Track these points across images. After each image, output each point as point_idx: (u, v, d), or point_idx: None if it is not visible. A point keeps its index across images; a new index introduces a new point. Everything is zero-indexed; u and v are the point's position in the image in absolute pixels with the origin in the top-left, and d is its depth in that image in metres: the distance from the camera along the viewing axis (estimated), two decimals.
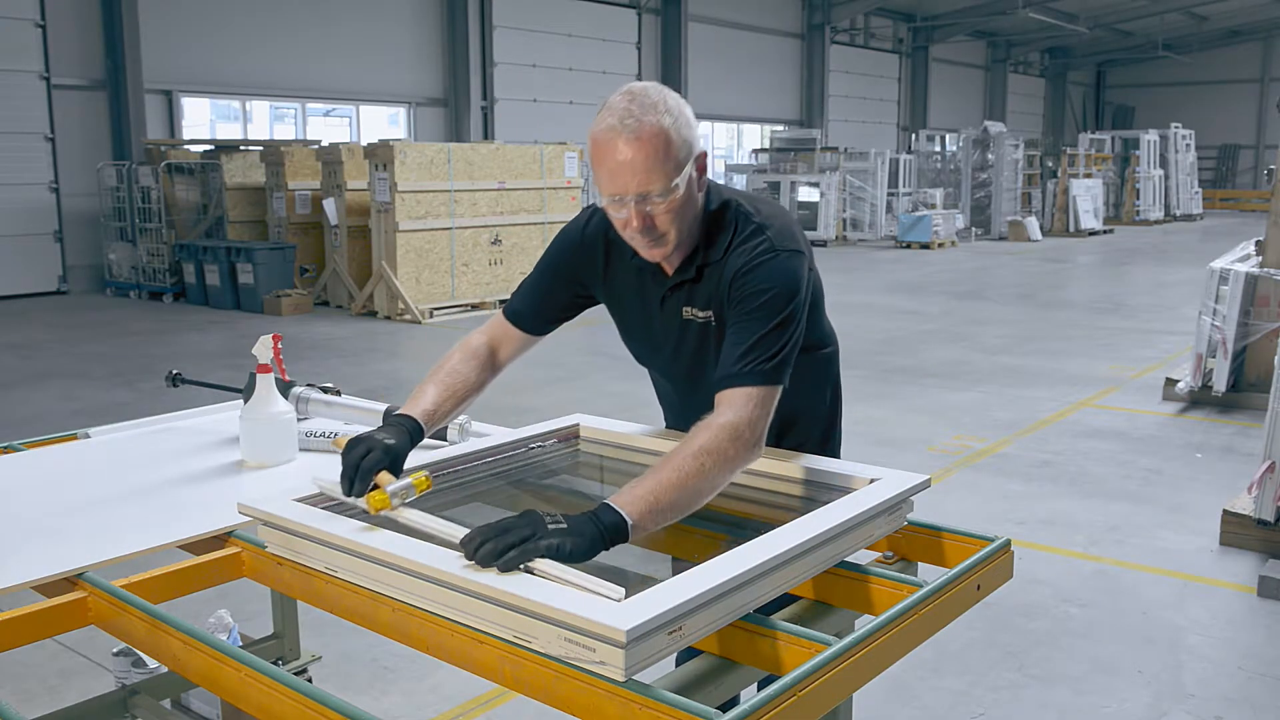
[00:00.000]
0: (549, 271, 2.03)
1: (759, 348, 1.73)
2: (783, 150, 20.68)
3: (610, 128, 1.70)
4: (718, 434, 1.64)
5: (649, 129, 1.69)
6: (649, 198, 1.73)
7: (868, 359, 8.50)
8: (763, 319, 1.75)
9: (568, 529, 1.45)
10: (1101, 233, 22.21)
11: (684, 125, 1.74)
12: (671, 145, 1.71)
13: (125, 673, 2.72)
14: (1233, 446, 5.99)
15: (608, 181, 1.74)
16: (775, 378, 1.74)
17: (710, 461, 1.61)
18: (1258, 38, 34.79)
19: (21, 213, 12.94)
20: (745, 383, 1.71)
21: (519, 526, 1.44)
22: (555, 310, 2.04)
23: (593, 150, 1.75)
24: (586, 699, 1.30)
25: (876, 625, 1.45)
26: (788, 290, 1.78)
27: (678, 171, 1.73)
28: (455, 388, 1.90)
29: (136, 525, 1.88)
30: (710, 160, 24.72)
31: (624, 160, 1.70)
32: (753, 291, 1.77)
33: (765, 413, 1.72)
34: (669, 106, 1.73)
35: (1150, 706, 3.17)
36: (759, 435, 1.70)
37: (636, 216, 1.75)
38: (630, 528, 1.49)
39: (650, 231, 1.78)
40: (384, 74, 16.88)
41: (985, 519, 4.79)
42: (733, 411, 1.68)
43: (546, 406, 6.63)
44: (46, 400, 7.32)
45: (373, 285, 11.27)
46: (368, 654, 3.42)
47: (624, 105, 1.71)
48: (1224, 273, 6.63)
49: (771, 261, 1.79)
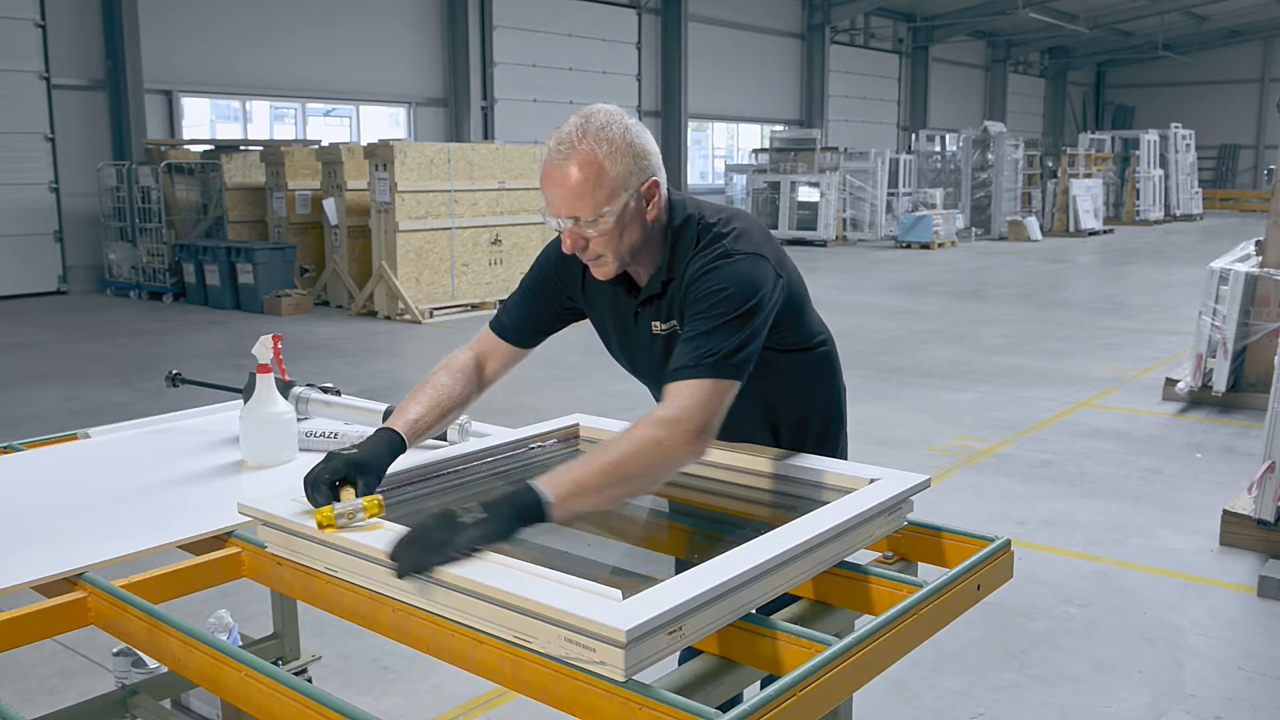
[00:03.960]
0: (533, 286, 2.07)
1: (706, 342, 1.74)
2: (782, 150, 20.67)
3: (549, 150, 1.78)
4: (652, 425, 1.66)
5: (581, 157, 1.75)
6: (580, 222, 1.79)
7: (868, 359, 8.50)
8: (713, 316, 1.77)
9: (484, 518, 1.49)
10: (1101, 233, 22.21)
11: (623, 154, 1.77)
12: (604, 174, 1.75)
13: (125, 673, 2.72)
14: (1233, 446, 5.99)
15: (546, 202, 1.81)
16: (723, 372, 1.73)
17: (640, 449, 1.62)
18: (1258, 38, 34.79)
19: (21, 213, 12.94)
20: (688, 375, 1.72)
21: (431, 530, 1.48)
22: (541, 323, 2.07)
23: (541, 169, 1.82)
24: (586, 699, 1.30)
25: (876, 625, 1.45)
26: (742, 290, 1.79)
27: (610, 200, 1.77)
28: (440, 401, 1.91)
29: (136, 525, 1.88)
30: (709, 160, 24.85)
31: (554, 184, 1.77)
32: (705, 293, 1.80)
33: (710, 406, 1.70)
34: (610, 135, 1.76)
35: (1150, 706, 3.17)
36: (700, 427, 1.68)
37: (568, 238, 1.82)
38: (548, 506, 1.52)
39: (585, 253, 1.84)
40: (384, 74, 16.88)
41: (985, 519, 4.79)
42: (672, 404, 1.69)
43: (546, 406, 6.63)
44: (46, 400, 7.32)
45: (373, 285, 11.27)
46: (368, 654, 3.42)
47: (567, 130, 1.77)
48: (1224, 273, 6.63)
49: (726, 265, 1.82)
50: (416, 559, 1.47)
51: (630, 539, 2.08)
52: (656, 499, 2.10)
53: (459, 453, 2.02)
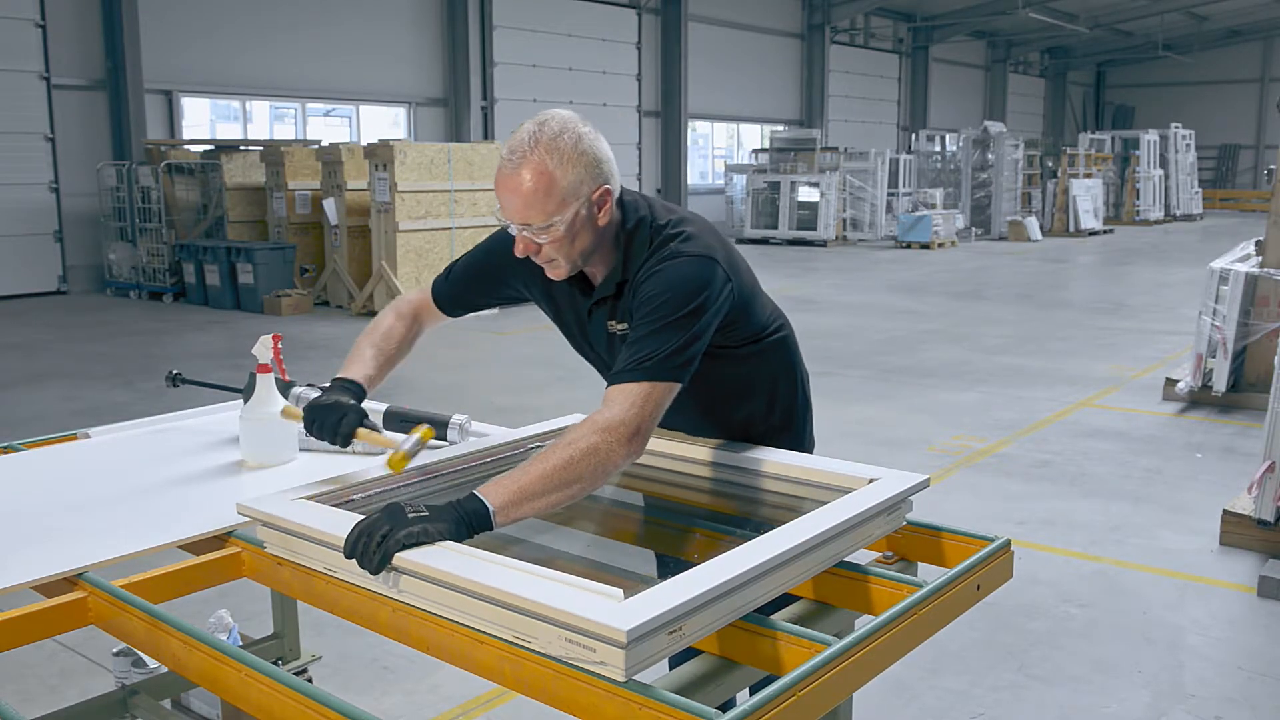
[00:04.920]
0: (482, 268, 2.13)
1: (646, 346, 1.77)
2: (783, 150, 20.66)
3: (503, 157, 1.80)
4: (590, 429, 1.67)
5: (531, 166, 1.77)
6: (529, 228, 1.82)
7: (868, 359, 8.49)
8: (654, 319, 1.79)
9: (429, 516, 1.52)
10: (1101, 233, 22.22)
11: (573, 164, 1.79)
12: (554, 184, 1.77)
13: (125, 673, 2.72)
14: (1233, 446, 5.99)
15: (501, 207, 1.84)
16: (660, 374, 1.75)
17: (578, 454, 1.63)
18: (1258, 38, 34.79)
19: (21, 213, 12.94)
20: (627, 379, 1.75)
21: (379, 523, 1.51)
22: (480, 301, 2.18)
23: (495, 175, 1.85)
24: (587, 699, 1.30)
25: (876, 625, 1.45)
26: (686, 292, 1.81)
27: (560, 209, 1.79)
28: (389, 352, 2.09)
29: (136, 525, 1.88)
30: (710, 161, 24.84)
31: (504, 191, 1.80)
32: (649, 296, 1.82)
33: (645, 409, 1.73)
34: (561, 145, 1.78)
35: (1150, 706, 3.17)
36: (636, 430, 1.70)
37: (521, 243, 1.85)
38: (491, 514, 1.56)
39: (537, 256, 1.87)
40: (384, 74, 16.87)
41: (985, 519, 4.79)
42: (609, 408, 1.72)
43: (546, 406, 6.63)
44: (46, 400, 7.32)
45: (373, 285, 11.27)
46: (368, 654, 3.42)
47: (521, 137, 1.79)
48: (1224, 273, 6.63)
49: (671, 267, 1.84)
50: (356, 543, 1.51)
51: (630, 539, 2.08)
52: (656, 499, 2.10)
53: (459, 453, 2.02)
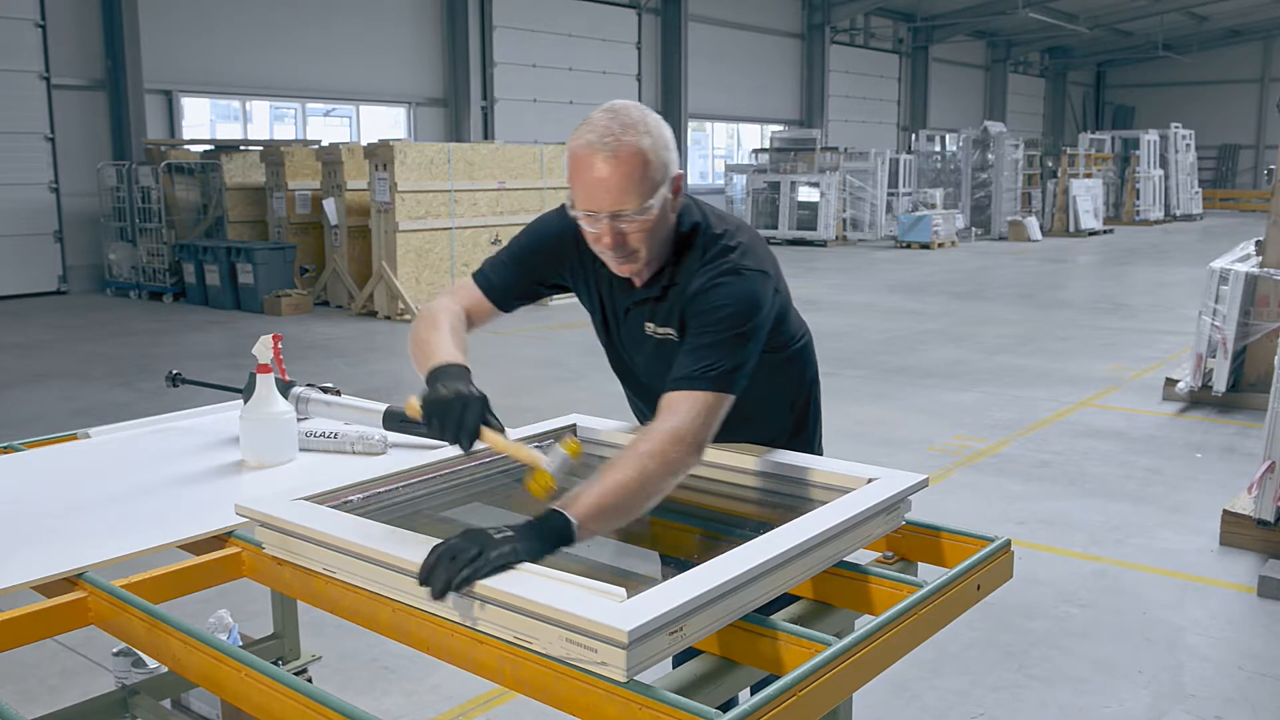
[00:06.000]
0: (526, 255, 2.05)
1: (711, 355, 1.75)
2: (783, 150, 20.66)
3: (589, 144, 1.73)
4: (661, 439, 1.66)
5: (627, 148, 1.72)
6: (623, 216, 1.76)
7: (868, 359, 8.49)
8: (718, 330, 1.78)
9: (514, 536, 1.47)
10: (1101, 233, 22.21)
11: (662, 147, 1.76)
12: (649, 166, 1.74)
13: (125, 673, 2.72)
14: (1233, 446, 5.99)
15: (583, 197, 1.77)
16: (725, 385, 1.75)
17: (653, 465, 1.62)
18: (1258, 38, 34.79)
19: (21, 213, 12.94)
20: (693, 387, 1.73)
21: (466, 548, 1.44)
22: (528, 291, 2.07)
23: (571, 164, 1.77)
24: (587, 699, 1.30)
25: (876, 625, 1.45)
26: (748, 308, 1.81)
27: (653, 192, 1.76)
28: (464, 347, 1.90)
29: (136, 525, 1.88)
30: (709, 161, 24.85)
31: (600, 178, 1.73)
32: (712, 307, 1.80)
33: (710, 419, 1.73)
34: (649, 127, 1.76)
35: (1150, 706, 3.17)
36: (701, 441, 1.71)
37: (609, 233, 1.78)
38: (575, 530, 1.52)
39: (621, 248, 1.81)
40: (384, 74, 16.87)
41: (985, 519, 4.79)
42: (676, 417, 1.70)
43: (546, 406, 6.63)
44: (46, 400, 7.32)
45: (373, 285, 11.27)
46: (368, 654, 3.42)
47: (604, 122, 1.74)
48: (1224, 273, 6.63)
49: (735, 280, 1.82)
50: (449, 577, 1.41)
51: (630, 539, 2.08)
52: None
53: (459, 452, 2.01)
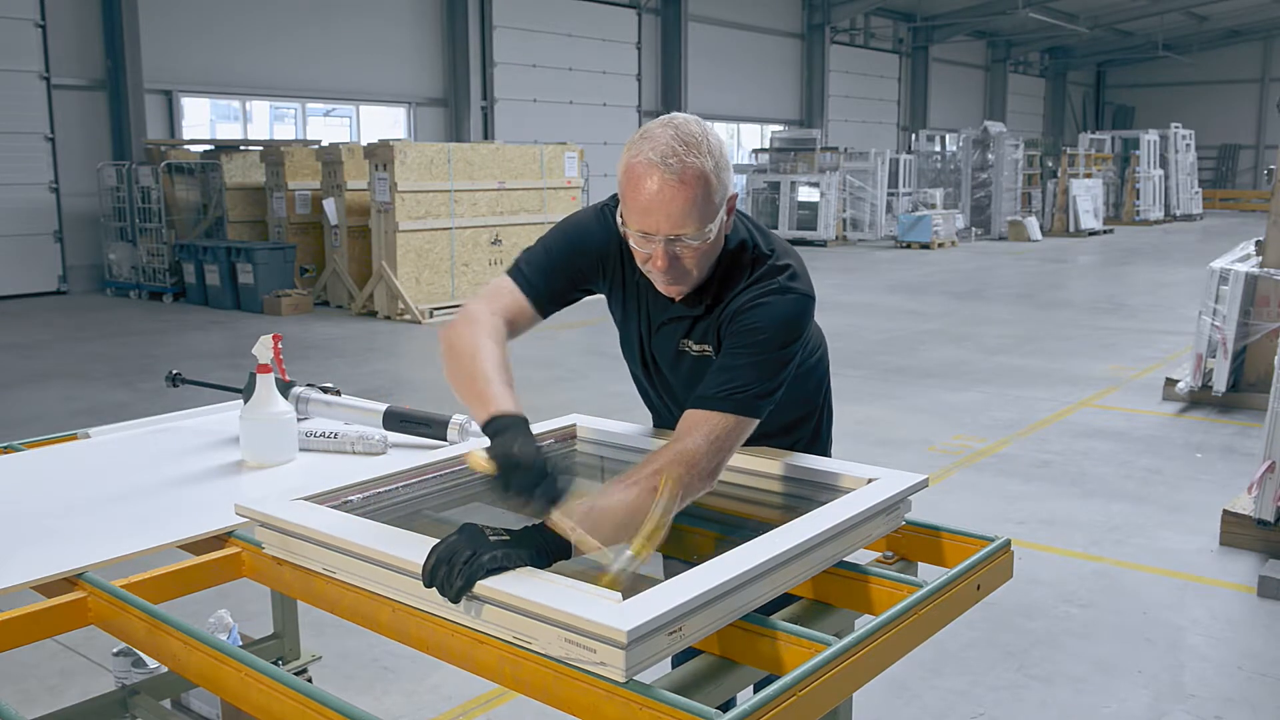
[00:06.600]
0: (563, 256, 1.91)
1: (739, 376, 1.70)
2: (783, 150, 20.66)
3: (649, 162, 1.65)
4: (674, 460, 1.61)
5: (691, 171, 1.64)
6: (680, 240, 1.69)
7: (868, 359, 8.49)
8: (753, 350, 1.73)
9: (510, 541, 1.44)
10: (1101, 233, 22.22)
11: (723, 168, 1.69)
12: (710, 189, 1.67)
13: (125, 673, 2.72)
14: (1233, 446, 5.99)
15: (639, 216, 1.69)
16: (749, 410, 1.70)
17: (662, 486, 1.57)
18: (1258, 38, 34.79)
19: (21, 213, 12.93)
20: (716, 408, 1.68)
21: (461, 548, 1.41)
22: (569, 295, 1.94)
23: (627, 179, 1.68)
24: (587, 699, 1.30)
25: (876, 625, 1.45)
26: (788, 331, 1.76)
27: (713, 217, 1.69)
28: (512, 378, 1.76)
29: (136, 525, 1.88)
30: None
31: (662, 200, 1.65)
32: (751, 327, 1.74)
33: (727, 445, 1.67)
34: (710, 147, 1.68)
35: (1150, 706, 3.17)
36: (716, 466, 1.66)
37: (663, 256, 1.71)
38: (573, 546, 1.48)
39: (674, 270, 1.73)
40: (384, 74, 16.87)
41: (985, 519, 4.79)
42: (692, 437, 1.65)
43: (546, 406, 6.61)
44: (46, 400, 7.32)
45: (373, 285, 11.27)
46: (368, 654, 3.42)
47: (666, 139, 1.66)
48: (1224, 273, 6.63)
49: (777, 302, 1.77)
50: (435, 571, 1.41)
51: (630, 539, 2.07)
52: None
53: (459, 453, 2.02)
